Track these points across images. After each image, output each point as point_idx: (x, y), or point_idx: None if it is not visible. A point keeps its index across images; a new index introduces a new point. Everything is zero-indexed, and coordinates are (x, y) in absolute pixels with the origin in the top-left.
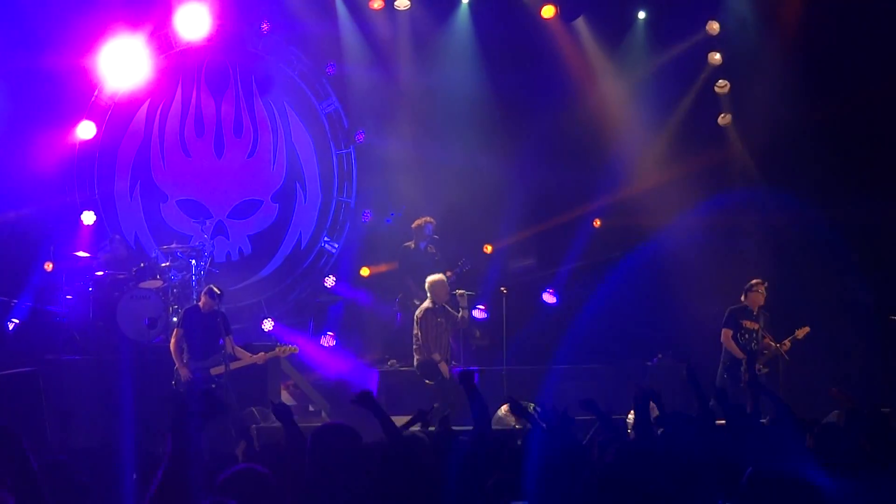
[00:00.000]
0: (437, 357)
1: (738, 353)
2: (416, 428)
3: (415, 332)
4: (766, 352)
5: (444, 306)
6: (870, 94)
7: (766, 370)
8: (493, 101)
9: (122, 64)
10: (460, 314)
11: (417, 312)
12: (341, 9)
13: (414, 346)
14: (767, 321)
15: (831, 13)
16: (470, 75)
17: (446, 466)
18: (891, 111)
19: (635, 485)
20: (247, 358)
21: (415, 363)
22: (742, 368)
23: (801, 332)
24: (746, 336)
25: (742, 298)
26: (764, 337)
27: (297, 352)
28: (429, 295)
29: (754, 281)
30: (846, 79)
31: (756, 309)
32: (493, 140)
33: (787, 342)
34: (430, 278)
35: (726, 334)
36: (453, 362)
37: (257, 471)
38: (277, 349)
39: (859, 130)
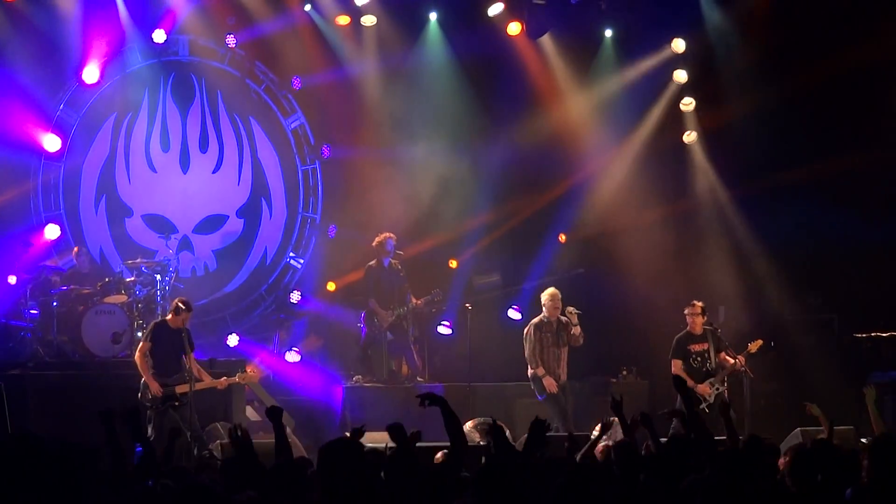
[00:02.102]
0: (540, 372)
1: (689, 382)
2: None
3: (525, 346)
4: (723, 369)
5: (559, 320)
6: (837, 108)
7: (722, 388)
8: (460, 116)
9: (88, 76)
10: (573, 330)
11: (527, 327)
12: (307, 24)
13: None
14: (719, 338)
15: (799, 27)
16: (437, 91)
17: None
18: (858, 126)
19: None
20: (207, 381)
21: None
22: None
23: (754, 346)
24: (699, 359)
25: (687, 323)
26: (718, 353)
27: (257, 381)
28: (543, 309)
29: (689, 304)
30: (811, 90)
31: (700, 330)
32: (460, 154)
33: (741, 357)
34: (545, 292)
35: (676, 365)
36: (419, 379)
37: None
38: (238, 376)
39: (826, 145)
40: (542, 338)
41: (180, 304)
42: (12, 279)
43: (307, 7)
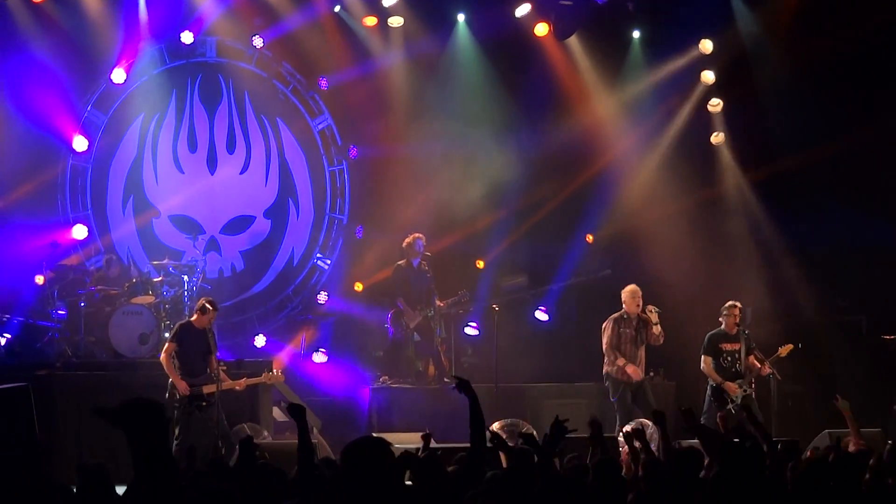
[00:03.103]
0: (620, 362)
1: (716, 378)
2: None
3: (602, 339)
4: (750, 371)
5: (639, 317)
6: (871, 106)
7: (750, 391)
8: (488, 113)
9: (116, 77)
10: (653, 329)
11: (605, 321)
12: (335, 25)
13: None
14: (750, 340)
15: (826, 28)
16: (465, 89)
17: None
18: (883, 124)
19: None
20: (227, 382)
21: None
22: (725, 393)
23: (785, 350)
24: (729, 359)
25: (721, 322)
26: (748, 356)
27: (282, 381)
28: (623, 305)
29: (728, 304)
30: (840, 93)
31: (734, 330)
32: (488, 151)
33: (767, 364)
34: (626, 288)
35: (706, 361)
36: (445, 380)
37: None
38: (264, 376)
39: (852, 146)
40: (620, 332)
41: (206, 304)
42: (39, 279)
43: (336, 8)
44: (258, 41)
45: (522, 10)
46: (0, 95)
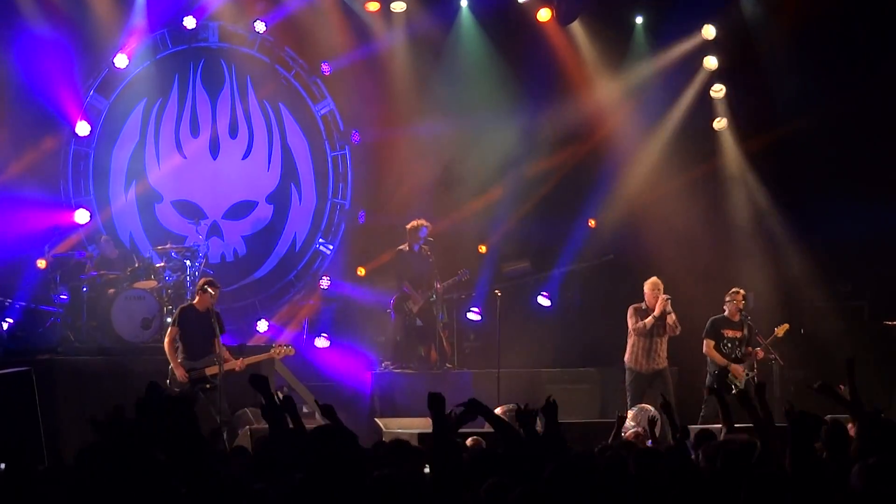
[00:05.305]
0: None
1: (721, 360)
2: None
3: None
4: (749, 357)
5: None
6: (864, 97)
7: (752, 373)
8: (490, 102)
9: (119, 62)
10: (668, 319)
11: (629, 308)
12: (337, 10)
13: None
14: (752, 328)
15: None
16: (467, 77)
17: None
18: (885, 113)
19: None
20: (231, 362)
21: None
22: (728, 377)
23: (781, 330)
24: (729, 345)
25: (724, 308)
26: (748, 345)
27: (293, 353)
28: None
29: (732, 290)
30: (843, 79)
31: (737, 317)
32: (490, 140)
33: (759, 350)
34: (647, 281)
35: (708, 345)
36: (447, 365)
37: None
38: (273, 350)
39: (855, 131)
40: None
41: (206, 285)
42: (41, 263)
43: None
44: (260, 26)
45: None
46: (2, 78)
